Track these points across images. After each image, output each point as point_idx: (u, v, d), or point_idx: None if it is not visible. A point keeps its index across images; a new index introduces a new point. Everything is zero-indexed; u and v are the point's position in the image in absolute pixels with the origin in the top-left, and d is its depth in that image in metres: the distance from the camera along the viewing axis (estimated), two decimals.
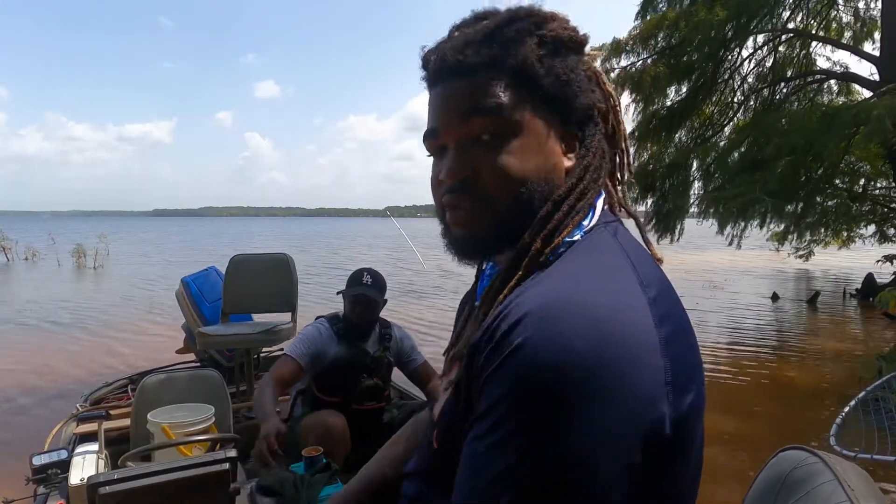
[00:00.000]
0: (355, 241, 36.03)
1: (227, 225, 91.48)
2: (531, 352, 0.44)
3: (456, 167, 0.59)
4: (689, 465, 0.52)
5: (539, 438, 0.43)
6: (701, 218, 9.93)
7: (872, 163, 9.09)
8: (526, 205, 0.58)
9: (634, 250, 0.56)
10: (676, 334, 0.49)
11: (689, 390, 0.48)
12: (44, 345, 7.01)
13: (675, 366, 0.47)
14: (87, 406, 2.85)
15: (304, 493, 1.56)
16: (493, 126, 0.58)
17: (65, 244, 21.40)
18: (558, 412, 0.42)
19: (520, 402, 0.43)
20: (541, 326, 0.44)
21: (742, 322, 8.50)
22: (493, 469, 0.44)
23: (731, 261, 17.47)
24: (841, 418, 2.76)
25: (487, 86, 0.58)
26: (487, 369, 0.47)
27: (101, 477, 1.25)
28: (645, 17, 10.25)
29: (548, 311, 0.45)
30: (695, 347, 0.54)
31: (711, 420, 4.27)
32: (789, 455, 0.82)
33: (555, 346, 0.43)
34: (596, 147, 0.62)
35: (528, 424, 0.43)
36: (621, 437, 0.43)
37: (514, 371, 0.44)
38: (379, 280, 2.45)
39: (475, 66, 0.58)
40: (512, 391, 0.44)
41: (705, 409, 0.53)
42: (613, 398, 0.43)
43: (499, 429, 0.44)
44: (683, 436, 0.48)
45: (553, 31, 0.60)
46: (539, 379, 0.43)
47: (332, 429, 2.11)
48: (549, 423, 0.42)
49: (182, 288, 3.59)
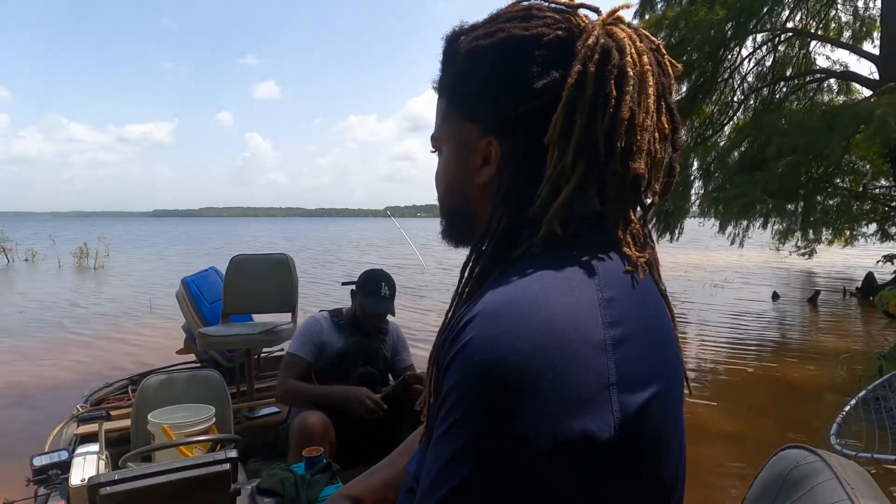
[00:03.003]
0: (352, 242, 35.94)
1: (227, 225, 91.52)
2: (473, 349, 0.46)
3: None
4: (655, 467, 0.51)
5: (479, 430, 0.45)
6: (702, 217, 9.93)
7: (873, 162, 9.10)
8: (456, 214, 0.65)
9: (603, 253, 0.54)
10: (631, 336, 0.49)
11: (643, 390, 0.48)
12: (44, 345, 7.02)
13: (623, 366, 0.47)
14: (87, 407, 2.85)
15: (305, 493, 1.56)
16: (435, 137, 0.67)
17: (65, 245, 21.42)
18: (495, 408, 0.44)
19: (462, 396, 0.46)
20: (486, 326, 0.47)
21: (742, 321, 8.49)
22: (440, 459, 0.46)
23: (732, 260, 17.47)
24: (841, 417, 2.76)
25: (438, 101, 0.66)
26: (444, 362, 0.49)
27: (102, 477, 1.25)
28: (644, 16, 10.25)
29: (493, 311, 0.48)
30: (661, 348, 0.53)
31: (712, 419, 4.28)
32: (789, 454, 0.82)
33: (494, 345, 0.45)
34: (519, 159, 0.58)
35: (470, 417, 0.45)
36: (554, 435, 0.44)
37: (459, 367, 0.47)
38: (394, 289, 2.45)
39: (438, 87, 0.66)
40: (457, 386, 0.46)
41: (705, 409, 0.53)
42: (546, 398, 0.44)
43: (448, 417, 0.47)
44: (638, 434, 0.48)
45: (478, 37, 0.59)
46: (478, 376, 0.45)
47: (312, 428, 2.11)
48: (487, 417, 0.44)
49: (182, 288, 3.59)
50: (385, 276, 2.46)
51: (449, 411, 0.47)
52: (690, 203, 10.48)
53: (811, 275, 14.68)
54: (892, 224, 9.97)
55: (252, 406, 2.95)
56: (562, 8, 0.59)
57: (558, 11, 0.59)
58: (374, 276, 2.45)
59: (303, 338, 2.38)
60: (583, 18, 0.59)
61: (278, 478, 1.60)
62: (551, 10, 0.59)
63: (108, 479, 1.24)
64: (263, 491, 1.57)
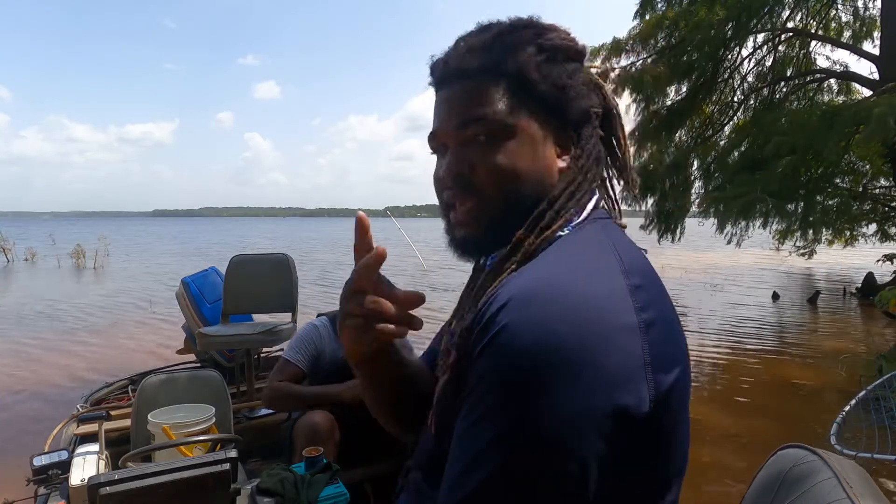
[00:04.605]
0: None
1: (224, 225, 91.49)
2: (511, 334, 0.46)
3: (454, 165, 0.63)
4: (672, 449, 0.52)
5: (517, 415, 0.45)
6: (702, 217, 9.93)
7: (873, 161, 9.09)
8: (518, 203, 0.61)
9: (622, 243, 0.58)
10: (658, 320, 0.51)
11: (671, 371, 0.50)
12: (44, 345, 7.02)
13: (654, 348, 0.49)
14: (87, 407, 2.85)
15: (305, 493, 1.56)
16: (489, 127, 0.61)
17: (65, 245, 21.41)
18: (535, 391, 0.44)
19: (500, 381, 0.46)
20: (521, 310, 0.47)
21: (743, 321, 8.49)
22: (475, 444, 0.46)
23: (732, 260, 17.46)
24: (841, 417, 2.76)
25: (486, 89, 0.61)
26: (476, 349, 0.49)
27: (102, 477, 1.25)
28: (644, 16, 10.25)
29: (529, 295, 0.48)
30: (679, 334, 0.56)
31: (712, 419, 4.28)
32: (789, 453, 0.82)
33: (533, 329, 0.46)
34: (591, 150, 0.65)
35: (508, 402, 0.45)
36: (596, 413, 0.45)
37: (496, 351, 0.47)
38: None
39: (476, 70, 0.62)
40: (493, 370, 0.47)
41: (705, 408, 0.54)
42: (588, 377, 0.45)
43: (481, 404, 0.47)
44: (665, 414, 0.49)
45: (551, 40, 0.63)
46: (517, 359, 0.45)
47: (318, 428, 2.10)
48: (527, 400, 0.45)
49: (182, 288, 3.59)
50: None
51: (482, 397, 0.47)
52: (691, 203, 10.48)
53: (811, 275, 14.68)
54: (892, 224, 9.96)
55: (252, 406, 2.95)
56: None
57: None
58: None
59: (299, 345, 2.33)
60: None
61: (278, 478, 1.60)
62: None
63: (108, 479, 1.24)
64: (263, 491, 1.57)
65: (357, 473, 2.19)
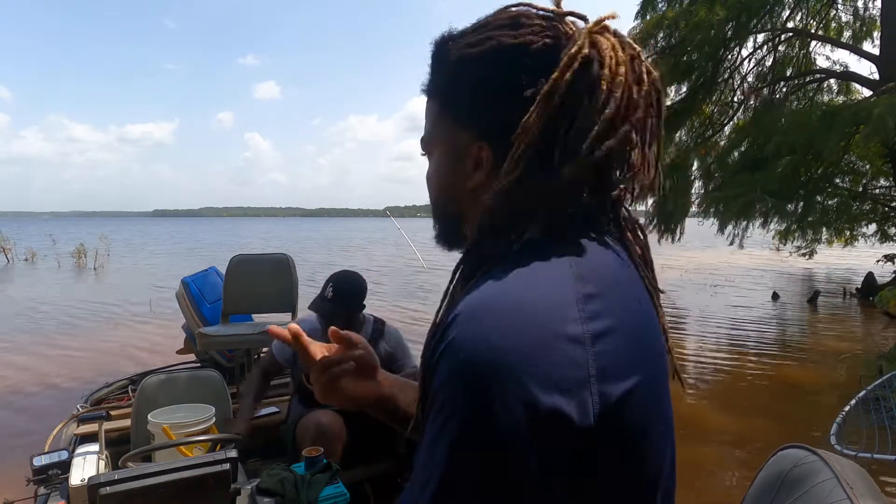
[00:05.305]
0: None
1: (223, 225, 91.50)
2: (456, 348, 0.48)
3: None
4: (635, 463, 0.51)
5: (462, 427, 0.46)
6: (702, 217, 9.93)
7: (873, 161, 9.10)
8: (447, 216, 0.68)
9: (587, 249, 0.55)
10: (613, 329, 0.50)
11: (624, 381, 0.49)
12: (44, 345, 7.02)
13: (603, 358, 0.48)
14: (87, 407, 2.85)
15: (305, 493, 1.56)
16: (424, 145, 0.69)
17: (65, 245, 21.42)
18: (477, 403, 0.46)
19: (448, 395, 0.48)
20: (466, 325, 0.49)
21: (743, 321, 8.50)
22: (429, 455, 0.48)
23: (732, 260, 17.46)
24: (841, 417, 2.76)
25: (428, 107, 0.67)
26: (431, 365, 0.51)
27: (102, 477, 1.25)
28: (645, 16, 10.26)
29: (473, 310, 0.50)
30: (642, 340, 0.54)
31: (712, 419, 4.28)
32: (789, 453, 0.82)
33: (475, 343, 0.47)
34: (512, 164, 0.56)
35: (453, 414, 0.47)
36: (537, 423, 0.45)
37: (444, 366, 0.49)
38: (346, 293, 2.33)
39: (424, 90, 0.67)
40: (443, 385, 0.48)
41: (705, 409, 0.53)
42: (528, 387, 0.45)
43: (436, 420, 0.48)
44: (619, 426, 0.49)
45: (468, 44, 0.60)
46: (460, 373, 0.47)
47: (327, 428, 2.10)
48: (470, 412, 0.46)
49: (182, 288, 3.59)
50: (340, 278, 2.36)
51: (438, 410, 0.48)
52: (691, 203, 10.48)
53: (811, 275, 14.68)
54: (891, 224, 9.96)
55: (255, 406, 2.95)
56: (550, 15, 0.60)
57: (546, 19, 0.59)
58: (331, 277, 2.38)
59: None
60: (570, 26, 0.59)
61: (278, 478, 1.60)
62: (539, 18, 0.59)
63: (108, 478, 1.24)
64: (263, 491, 1.57)
65: (357, 473, 2.19)
